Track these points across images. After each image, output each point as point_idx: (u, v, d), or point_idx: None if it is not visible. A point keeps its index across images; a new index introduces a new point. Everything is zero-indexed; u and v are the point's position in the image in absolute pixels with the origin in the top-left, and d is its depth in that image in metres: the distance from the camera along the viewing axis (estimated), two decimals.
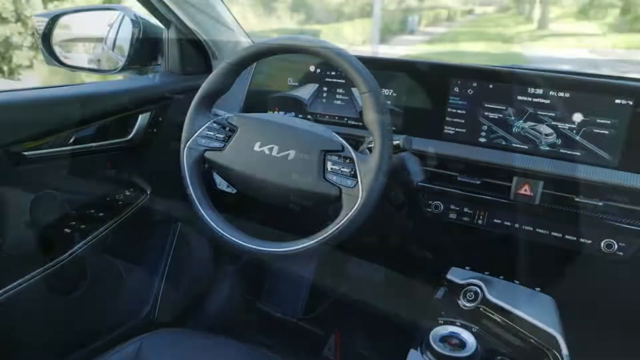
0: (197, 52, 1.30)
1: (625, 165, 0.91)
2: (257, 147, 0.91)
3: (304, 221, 0.97)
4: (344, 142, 0.90)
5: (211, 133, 0.95)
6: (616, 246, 0.89)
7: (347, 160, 0.87)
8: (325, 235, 0.85)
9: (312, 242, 0.85)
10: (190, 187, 0.94)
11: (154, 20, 1.24)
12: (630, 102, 0.89)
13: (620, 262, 0.90)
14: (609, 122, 0.91)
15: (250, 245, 0.88)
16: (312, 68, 1.16)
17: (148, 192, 1.22)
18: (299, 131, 0.91)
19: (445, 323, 0.83)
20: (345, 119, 1.13)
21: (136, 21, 1.23)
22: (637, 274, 0.93)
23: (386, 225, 1.16)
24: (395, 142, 0.91)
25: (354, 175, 0.85)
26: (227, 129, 0.95)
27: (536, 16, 20.27)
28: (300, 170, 0.88)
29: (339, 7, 16.26)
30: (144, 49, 1.27)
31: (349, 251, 1.72)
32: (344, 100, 1.14)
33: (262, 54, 0.94)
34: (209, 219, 0.92)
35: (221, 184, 1.02)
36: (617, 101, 0.90)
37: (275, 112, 1.20)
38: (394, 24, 16.97)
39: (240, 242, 0.89)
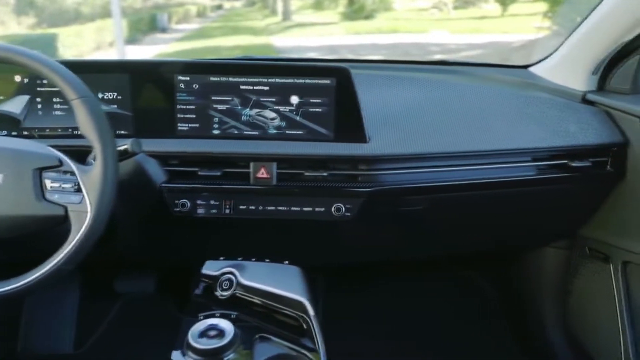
0: None
1: (339, 137, 1.03)
2: None
3: (38, 248, 0.87)
4: (61, 155, 0.82)
5: None
6: (344, 208, 1.02)
7: (68, 175, 0.80)
8: (56, 260, 0.77)
9: (40, 273, 0.76)
10: None
11: None
12: (333, 81, 1.01)
13: (349, 221, 1.02)
14: (320, 101, 1.02)
15: None
16: (17, 78, 1.02)
17: None
18: (4, 151, 0.81)
19: (206, 317, 0.84)
20: (70, 130, 1.04)
21: None
22: (360, 228, 1.08)
23: (135, 232, 1.11)
24: (122, 147, 0.87)
25: (79, 190, 0.79)
26: None
27: (280, 9, 21.70)
28: (13, 195, 0.78)
29: (77, 7, 14.83)
30: None
31: (114, 266, 1.61)
32: (64, 110, 1.04)
33: None
34: None
35: None
36: (322, 81, 1.01)
37: None
38: (143, 22, 16.27)
39: None
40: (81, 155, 0.91)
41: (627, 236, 1.12)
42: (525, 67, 1.39)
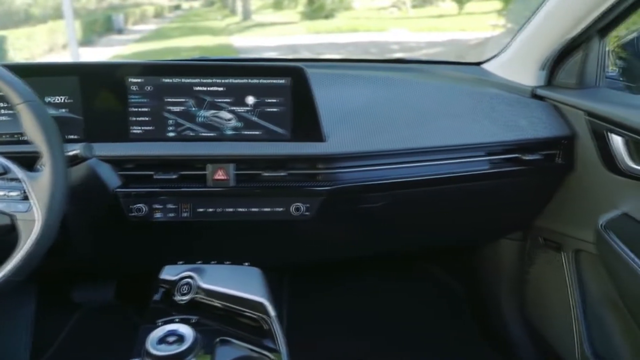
0: None
1: (297, 137, 1.03)
2: None
3: None
4: (7, 162, 0.79)
5: None
6: (303, 208, 1.01)
7: (14, 182, 0.77)
8: (3, 273, 0.74)
9: None
10: None
11: None
12: (288, 81, 1.01)
13: (308, 220, 1.02)
14: (276, 100, 1.02)
15: None
16: None
17: None
18: None
19: (164, 323, 0.82)
20: (16, 136, 1.00)
21: None
22: (320, 227, 1.08)
23: (90, 239, 1.08)
24: (73, 152, 0.85)
25: (27, 198, 0.76)
26: None
27: (239, 9, 21.52)
28: None
29: (27, 9, 14.30)
30: None
31: (71, 275, 1.56)
32: (9, 115, 1.00)
33: None
34: None
35: None
36: (277, 81, 1.01)
37: None
38: (98, 23, 15.83)
39: None
40: (30, 161, 0.88)
41: (577, 225, 1.16)
42: (479, 64, 1.42)
